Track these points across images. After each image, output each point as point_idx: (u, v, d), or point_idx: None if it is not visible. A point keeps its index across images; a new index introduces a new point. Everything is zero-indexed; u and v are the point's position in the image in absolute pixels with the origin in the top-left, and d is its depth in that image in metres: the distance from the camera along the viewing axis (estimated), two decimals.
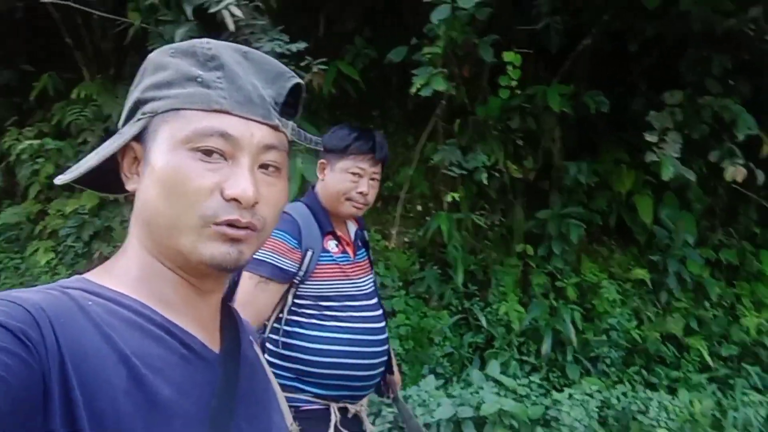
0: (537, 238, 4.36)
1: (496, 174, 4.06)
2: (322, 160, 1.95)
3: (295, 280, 1.80)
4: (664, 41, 3.87)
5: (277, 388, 0.86)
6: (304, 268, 1.80)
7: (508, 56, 3.33)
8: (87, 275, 0.71)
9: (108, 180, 0.76)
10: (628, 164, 4.35)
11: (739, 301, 4.44)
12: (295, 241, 1.78)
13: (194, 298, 0.74)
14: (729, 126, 3.71)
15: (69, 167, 0.75)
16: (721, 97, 3.73)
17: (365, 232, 2.09)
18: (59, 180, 0.74)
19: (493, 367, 3.60)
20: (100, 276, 0.71)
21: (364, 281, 1.93)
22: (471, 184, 4.11)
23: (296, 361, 1.80)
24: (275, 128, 0.73)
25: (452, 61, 3.58)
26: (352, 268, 1.91)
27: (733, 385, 3.90)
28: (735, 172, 3.64)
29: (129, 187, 0.74)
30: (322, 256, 1.83)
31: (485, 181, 3.89)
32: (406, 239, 4.71)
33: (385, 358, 1.92)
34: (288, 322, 1.81)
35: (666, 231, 4.31)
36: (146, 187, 0.70)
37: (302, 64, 3.15)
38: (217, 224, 0.68)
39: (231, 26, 2.81)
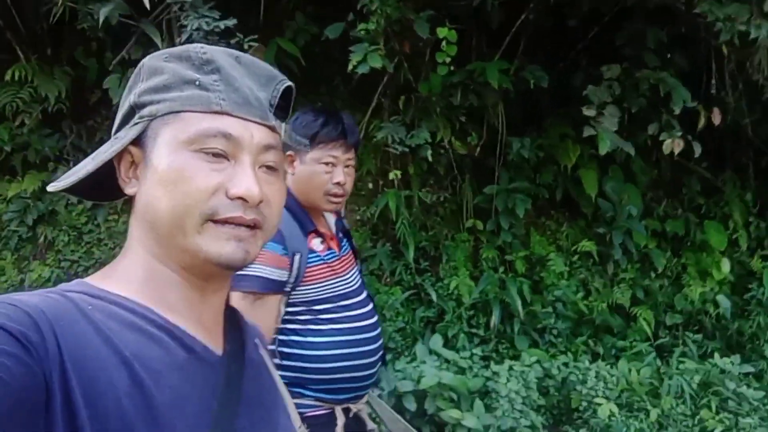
0: (486, 213, 4.41)
1: (442, 151, 4.08)
2: (288, 153, 1.77)
3: (287, 288, 1.70)
4: (603, 15, 3.89)
5: (285, 391, 0.86)
6: (294, 274, 1.69)
7: (441, 32, 3.34)
8: (88, 279, 0.72)
9: (101, 187, 0.76)
10: (573, 139, 4.39)
11: (684, 270, 4.53)
12: (281, 248, 1.67)
13: (197, 301, 0.74)
14: (666, 99, 3.76)
15: None
16: (658, 71, 3.77)
17: (344, 221, 1.99)
18: (52, 187, 0.74)
19: (436, 341, 3.65)
20: (101, 280, 0.71)
21: (352, 275, 1.86)
22: (420, 161, 4.13)
23: (296, 369, 1.73)
24: (272, 129, 0.74)
25: (393, 38, 3.57)
26: (340, 263, 1.82)
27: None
28: (672, 144, 3.70)
29: (128, 191, 0.74)
30: (309, 258, 1.74)
31: (429, 158, 3.91)
32: (357, 217, 4.73)
33: (381, 353, 1.87)
34: (283, 331, 1.73)
35: (610, 203, 4.38)
36: (148, 189, 0.71)
37: (233, 41, 3.12)
38: (220, 221, 0.69)
39: (147, 4, 2.77)
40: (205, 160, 0.69)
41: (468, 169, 4.41)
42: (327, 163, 1.76)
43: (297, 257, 1.69)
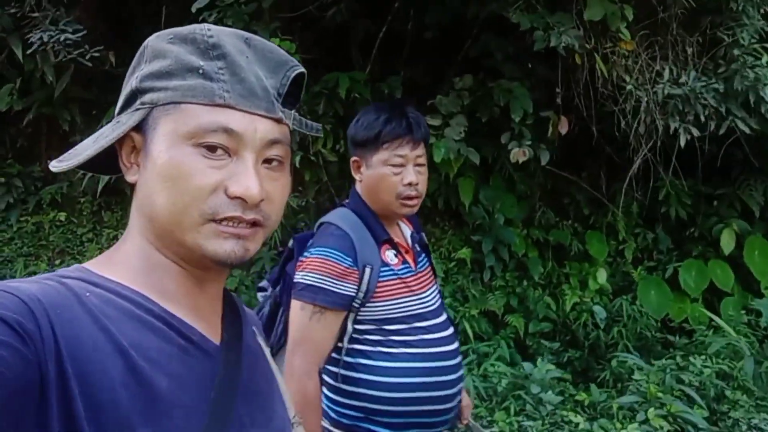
0: None
1: (312, 158, 4.25)
2: (354, 158, 1.68)
3: (355, 304, 1.55)
4: (459, 26, 4.02)
5: (281, 379, 0.85)
6: (363, 288, 1.55)
7: (275, 42, 3.53)
8: (87, 265, 0.71)
9: (105, 163, 0.75)
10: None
11: (567, 280, 4.56)
12: (349, 260, 1.54)
13: (195, 290, 0.73)
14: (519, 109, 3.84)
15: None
16: (516, 81, 3.87)
17: (423, 234, 1.81)
18: (55, 167, 0.73)
19: None
20: (101, 266, 0.71)
21: (430, 295, 1.67)
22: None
23: (363, 398, 1.56)
24: (278, 121, 0.71)
25: None
26: (416, 280, 1.65)
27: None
28: (518, 153, 3.78)
29: (129, 178, 0.73)
30: (382, 272, 1.58)
31: (297, 165, 4.09)
32: None
33: (461, 385, 1.68)
34: (349, 352, 1.58)
35: (483, 211, 4.45)
36: (147, 180, 0.70)
37: (76, 52, 3.38)
38: (219, 221, 0.68)
39: None
40: (205, 155, 0.67)
41: (333, 176, 4.55)
42: (396, 165, 1.61)
43: (368, 270, 1.55)
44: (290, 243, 1.70)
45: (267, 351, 0.85)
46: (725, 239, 4.29)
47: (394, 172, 1.61)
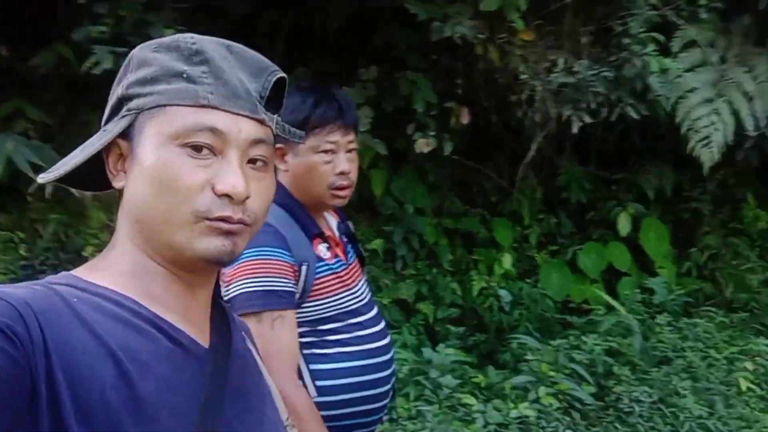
0: None
1: None
2: (278, 146, 1.44)
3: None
4: (365, 17, 4.02)
5: (272, 383, 0.85)
6: (300, 287, 1.46)
7: (167, 31, 3.42)
8: (75, 272, 0.72)
9: (92, 177, 0.76)
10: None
11: (475, 266, 4.67)
12: (289, 256, 1.44)
13: (184, 294, 0.74)
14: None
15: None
16: (414, 72, 3.91)
17: (349, 222, 1.73)
18: (42, 179, 0.73)
19: None
20: (88, 272, 0.71)
21: (361, 288, 1.61)
22: None
23: None
24: (262, 122, 0.73)
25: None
26: (348, 273, 1.58)
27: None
28: (422, 143, 3.83)
29: (116, 184, 0.74)
30: (318, 268, 1.50)
31: None
32: None
33: (394, 379, 1.63)
34: None
35: (395, 202, 4.50)
36: (135, 183, 0.71)
37: None
38: (210, 220, 0.68)
39: None
40: (191, 155, 0.68)
41: None
42: (326, 151, 1.51)
43: (304, 268, 1.46)
44: None
45: (257, 356, 0.86)
46: (622, 222, 4.49)
47: (325, 160, 1.50)
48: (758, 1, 3.81)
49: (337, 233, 1.65)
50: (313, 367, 1.48)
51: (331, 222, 1.67)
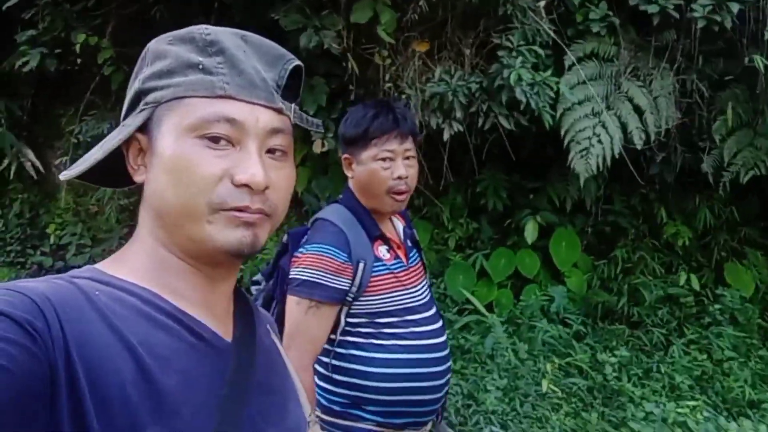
0: None
1: None
2: (345, 155, 1.72)
3: (348, 298, 1.61)
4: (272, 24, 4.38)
5: (296, 377, 0.85)
6: (356, 283, 1.59)
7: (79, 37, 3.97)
8: (98, 265, 0.72)
9: (114, 174, 0.76)
10: (296, 138, 4.85)
11: None
12: (344, 255, 1.59)
13: (205, 287, 0.73)
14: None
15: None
16: (308, 77, 4.22)
17: (414, 231, 1.88)
18: (64, 176, 0.73)
19: None
20: (111, 266, 0.71)
21: (421, 289, 1.73)
22: None
23: (355, 387, 1.63)
24: (279, 111, 0.72)
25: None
26: (407, 275, 1.70)
27: None
28: (317, 144, 4.14)
29: (137, 178, 0.73)
30: (375, 267, 1.63)
31: None
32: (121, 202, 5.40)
33: (449, 376, 1.74)
34: (341, 344, 1.64)
35: (315, 198, 4.82)
36: (155, 177, 0.70)
37: None
38: (227, 210, 0.68)
39: None
40: (209, 146, 0.68)
41: None
42: (384, 159, 1.65)
43: (361, 265, 1.60)
44: (284, 238, 1.74)
45: (282, 349, 0.86)
46: (529, 230, 4.57)
47: (383, 167, 1.64)
48: (652, 17, 3.82)
49: (401, 237, 1.78)
50: (371, 354, 1.61)
51: (397, 227, 1.80)
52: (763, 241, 4.60)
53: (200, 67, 0.70)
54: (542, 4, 3.97)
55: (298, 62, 0.76)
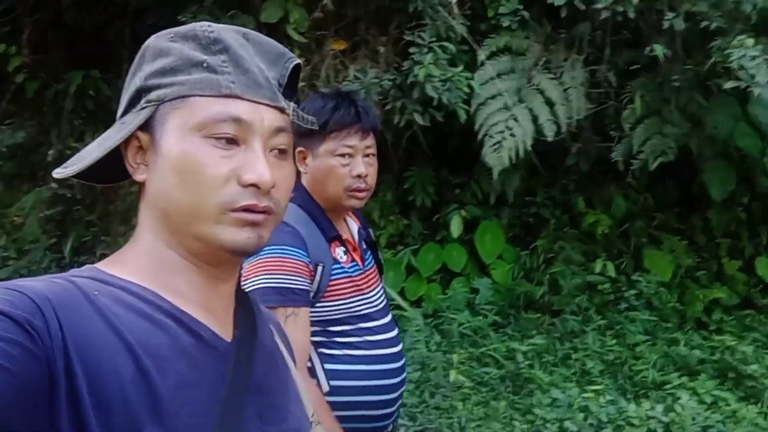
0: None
1: (69, 151, 4.60)
2: (299, 149, 1.59)
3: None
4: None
5: (299, 379, 0.85)
6: (314, 287, 1.49)
7: None
8: (98, 264, 0.72)
9: (108, 170, 0.75)
10: None
11: None
12: (305, 254, 1.48)
13: (206, 287, 0.73)
14: None
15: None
16: None
17: (370, 230, 1.77)
18: (58, 174, 0.73)
19: None
20: (111, 265, 0.71)
21: (376, 295, 1.64)
22: None
23: None
24: (282, 110, 0.73)
25: None
26: (364, 279, 1.61)
27: None
28: None
29: (137, 177, 0.73)
30: (333, 270, 1.54)
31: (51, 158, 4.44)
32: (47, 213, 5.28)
33: (403, 388, 1.65)
34: None
35: None
36: (159, 176, 0.70)
37: None
38: (236, 210, 0.68)
39: None
40: (216, 146, 0.68)
41: None
42: (343, 155, 1.56)
43: (320, 268, 1.50)
44: None
45: (285, 350, 0.85)
46: (454, 224, 4.62)
47: (342, 164, 1.55)
48: (560, 9, 3.90)
49: (356, 238, 1.68)
50: (319, 367, 1.52)
51: (352, 227, 1.70)
52: (680, 227, 4.74)
53: (205, 65, 0.70)
54: (455, 0, 4.02)
55: (298, 61, 0.76)
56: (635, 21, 3.88)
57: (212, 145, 0.68)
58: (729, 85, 3.36)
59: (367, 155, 1.60)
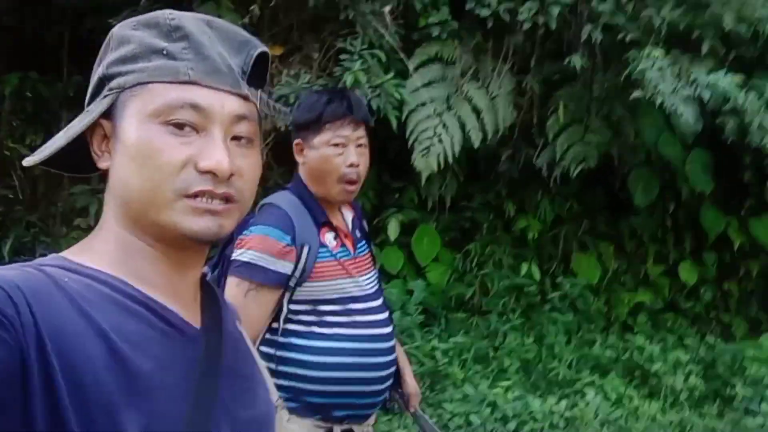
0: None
1: (6, 152, 4.62)
2: (296, 141, 1.72)
3: (291, 283, 1.59)
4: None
5: (261, 363, 0.86)
6: (300, 268, 1.58)
7: None
8: (64, 253, 0.71)
9: (77, 160, 0.75)
10: None
11: None
12: (288, 237, 1.58)
13: (173, 274, 0.73)
14: None
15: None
16: None
17: (364, 221, 1.87)
18: (27, 161, 0.73)
19: None
20: (78, 254, 0.71)
21: (368, 279, 1.73)
22: None
23: (293, 377, 1.60)
24: (245, 98, 0.71)
25: None
26: (353, 264, 1.70)
27: None
28: None
29: (101, 165, 0.73)
30: (320, 252, 1.63)
31: None
32: None
33: (393, 368, 1.73)
34: (284, 333, 1.61)
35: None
36: (118, 163, 0.70)
37: None
38: (190, 196, 0.68)
39: None
40: (174, 133, 0.68)
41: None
42: (337, 144, 1.65)
43: (305, 250, 1.58)
44: None
45: (246, 337, 0.87)
46: (391, 228, 4.73)
47: (336, 153, 1.65)
48: (486, 19, 4.04)
49: (349, 227, 1.77)
50: (311, 343, 1.60)
51: (346, 216, 1.80)
52: (608, 231, 4.91)
53: (164, 52, 0.69)
54: (387, 9, 4.14)
55: (263, 48, 0.74)
56: (558, 32, 4.05)
57: (170, 132, 0.68)
58: (636, 94, 3.52)
59: (359, 145, 1.70)
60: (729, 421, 3.16)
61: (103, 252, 0.71)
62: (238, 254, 1.57)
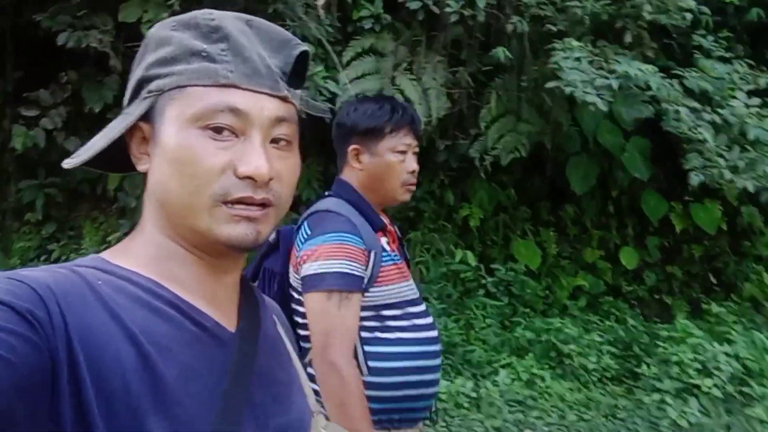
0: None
1: None
2: (354, 146, 1.69)
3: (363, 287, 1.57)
4: None
5: (300, 368, 0.84)
6: (368, 273, 1.56)
7: None
8: (103, 254, 0.72)
9: (118, 159, 0.74)
10: None
11: None
12: (362, 242, 1.56)
13: (209, 278, 0.73)
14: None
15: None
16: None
17: (396, 226, 1.82)
18: (68, 164, 0.73)
19: None
20: (116, 255, 0.71)
21: (413, 283, 1.72)
22: None
23: None
24: (284, 99, 0.71)
25: None
26: (404, 268, 1.70)
27: None
28: None
29: (140, 168, 0.73)
30: (383, 257, 1.62)
31: None
32: None
33: (441, 372, 1.74)
34: None
35: (131, 197, 4.96)
36: (157, 167, 0.70)
37: None
38: (230, 202, 0.67)
39: None
40: (212, 137, 0.67)
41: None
42: (401, 152, 1.68)
43: (373, 254, 1.57)
44: (271, 236, 1.63)
45: (287, 340, 0.85)
46: None
47: (399, 160, 1.67)
48: (416, 12, 4.11)
49: (397, 232, 1.79)
50: (375, 349, 1.57)
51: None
52: (551, 218, 4.99)
53: (204, 54, 0.69)
54: (321, 2, 4.21)
55: (304, 47, 0.74)
56: (488, 24, 4.11)
57: (209, 136, 0.67)
58: (550, 84, 3.60)
59: (415, 153, 1.73)
60: (632, 399, 3.25)
61: (140, 254, 0.71)
62: (317, 267, 1.53)
